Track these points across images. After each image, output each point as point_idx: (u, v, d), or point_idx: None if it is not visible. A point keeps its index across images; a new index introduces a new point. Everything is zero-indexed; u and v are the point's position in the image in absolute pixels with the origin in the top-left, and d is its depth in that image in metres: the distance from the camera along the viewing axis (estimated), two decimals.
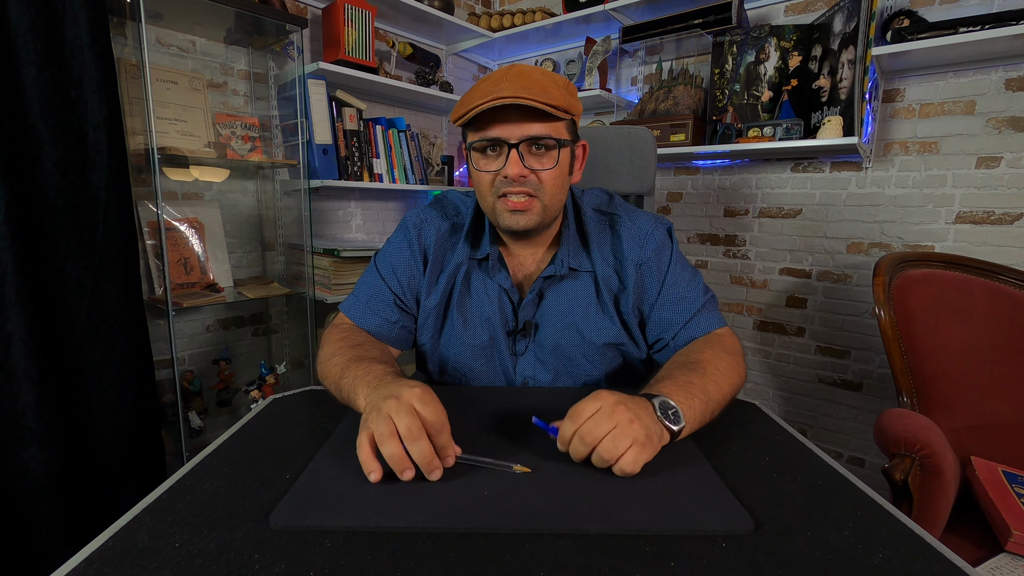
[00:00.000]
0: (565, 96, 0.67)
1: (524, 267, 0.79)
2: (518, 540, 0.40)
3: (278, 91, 1.75)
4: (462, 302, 0.78)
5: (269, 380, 1.71)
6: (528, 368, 0.78)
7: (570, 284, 0.77)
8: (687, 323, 0.75)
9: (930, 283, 1.22)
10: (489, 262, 0.76)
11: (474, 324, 0.78)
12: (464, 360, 0.79)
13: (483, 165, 0.70)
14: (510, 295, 0.77)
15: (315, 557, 0.38)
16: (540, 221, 0.71)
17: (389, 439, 0.46)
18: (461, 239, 0.79)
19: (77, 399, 1.20)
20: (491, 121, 0.66)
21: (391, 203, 2.20)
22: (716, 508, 0.45)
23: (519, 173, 0.67)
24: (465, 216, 0.81)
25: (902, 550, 0.40)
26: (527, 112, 0.65)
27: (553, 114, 0.66)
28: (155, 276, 1.51)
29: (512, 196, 0.69)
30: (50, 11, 1.09)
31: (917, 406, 1.16)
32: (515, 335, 0.78)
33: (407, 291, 0.79)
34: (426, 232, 0.79)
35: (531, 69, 0.67)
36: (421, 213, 0.82)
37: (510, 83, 0.64)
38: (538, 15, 2.07)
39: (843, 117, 1.46)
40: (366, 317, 0.77)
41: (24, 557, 1.12)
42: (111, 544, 0.40)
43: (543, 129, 0.66)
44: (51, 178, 1.13)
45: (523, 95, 0.63)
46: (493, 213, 0.72)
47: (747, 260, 1.91)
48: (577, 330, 0.76)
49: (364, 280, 0.80)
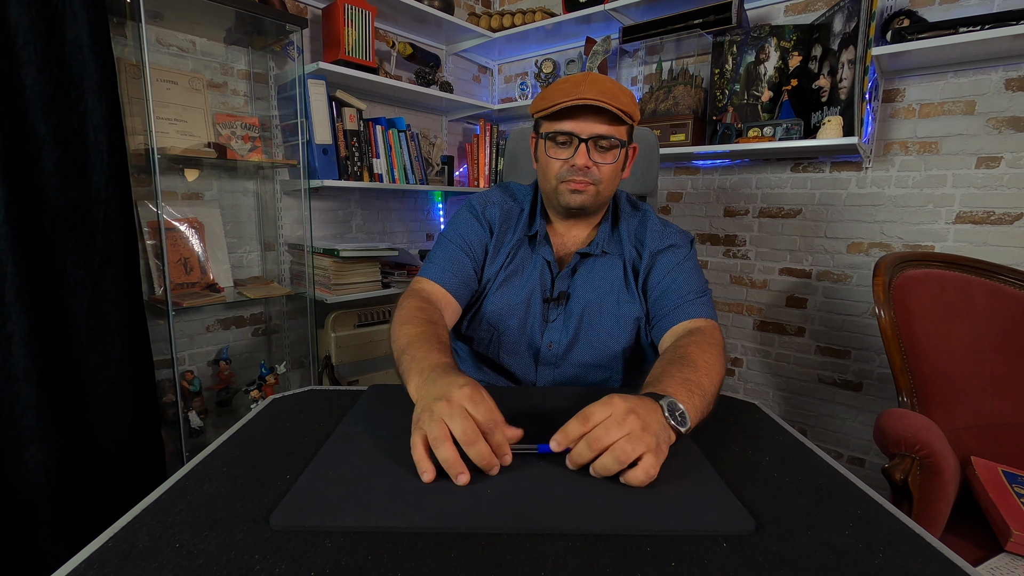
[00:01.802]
0: (631, 104, 0.78)
1: (566, 245, 0.90)
2: (519, 540, 0.40)
3: (278, 91, 1.75)
4: (512, 268, 0.88)
5: (269, 380, 1.71)
6: (554, 334, 0.86)
7: (602, 262, 0.87)
8: (680, 305, 0.80)
9: (930, 283, 1.22)
10: (537, 238, 0.87)
11: (516, 286, 0.87)
12: (501, 318, 0.87)
13: (554, 153, 0.81)
14: (551, 267, 0.87)
15: (315, 557, 0.38)
16: (594, 202, 0.83)
17: (443, 443, 0.47)
18: (522, 221, 0.90)
19: (77, 399, 1.20)
20: (567, 117, 0.78)
21: (391, 203, 2.20)
22: (717, 508, 0.45)
23: (585, 164, 0.78)
24: (523, 201, 0.92)
25: (903, 550, 0.40)
26: (598, 113, 0.76)
27: (620, 118, 0.77)
28: (155, 276, 1.51)
29: (575, 182, 0.80)
30: (50, 11, 1.09)
31: (917, 406, 1.16)
32: (550, 303, 0.87)
33: (477, 256, 0.88)
34: (490, 211, 0.89)
35: (604, 78, 0.79)
36: (485, 195, 0.92)
37: (589, 86, 0.75)
38: (538, 15, 2.07)
39: (843, 117, 1.46)
40: (444, 276, 0.84)
41: (24, 557, 1.12)
42: (112, 544, 0.40)
43: (609, 130, 0.78)
44: (51, 178, 1.13)
45: (601, 99, 0.74)
46: (555, 193, 0.83)
47: (747, 260, 1.91)
48: (605, 304, 0.85)
49: (436, 251, 0.88)
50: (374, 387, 0.72)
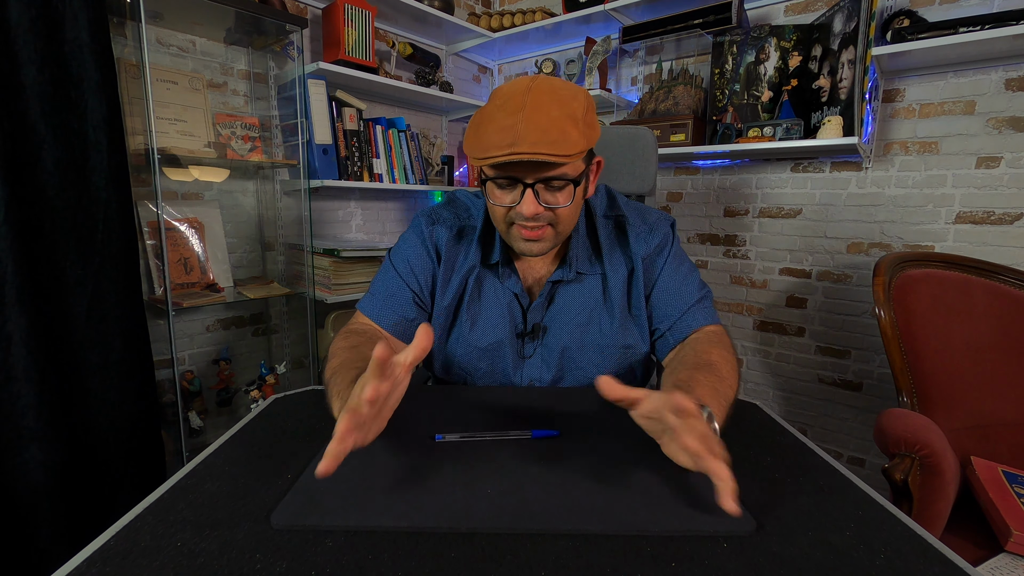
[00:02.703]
0: (583, 134, 0.63)
1: (534, 271, 0.80)
2: (519, 540, 0.40)
3: (278, 91, 1.75)
4: (472, 304, 0.79)
5: (269, 380, 1.71)
6: (534, 371, 0.79)
7: (578, 288, 0.79)
8: (682, 315, 0.76)
9: (930, 283, 1.22)
10: (500, 268, 0.78)
11: (482, 326, 0.79)
12: (470, 361, 0.80)
13: (498, 198, 0.69)
14: (520, 299, 0.79)
15: (316, 557, 0.38)
16: (553, 245, 0.73)
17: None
18: (473, 243, 0.79)
19: (77, 399, 1.20)
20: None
21: (391, 203, 2.20)
22: (718, 508, 0.45)
23: (534, 211, 0.66)
24: (476, 219, 0.81)
25: (904, 551, 0.40)
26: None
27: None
28: (155, 276, 1.51)
29: (526, 228, 0.69)
30: (50, 11, 1.09)
31: (917, 406, 1.16)
32: (524, 337, 0.79)
33: (424, 288, 0.80)
34: (438, 231, 0.80)
35: (548, 102, 0.62)
36: (433, 212, 0.83)
37: (526, 128, 0.60)
38: (538, 15, 2.07)
39: (843, 117, 1.46)
40: (384, 315, 0.77)
41: (24, 557, 1.12)
42: (113, 543, 0.40)
43: (559, 170, 0.64)
44: (51, 178, 1.13)
45: (540, 149, 0.60)
46: (507, 237, 0.73)
47: (747, 260, 1.91)
48: (585, 332, 0.78)
49: (380, 278, 0.81)
50: None
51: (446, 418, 0.63)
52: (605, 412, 0.63)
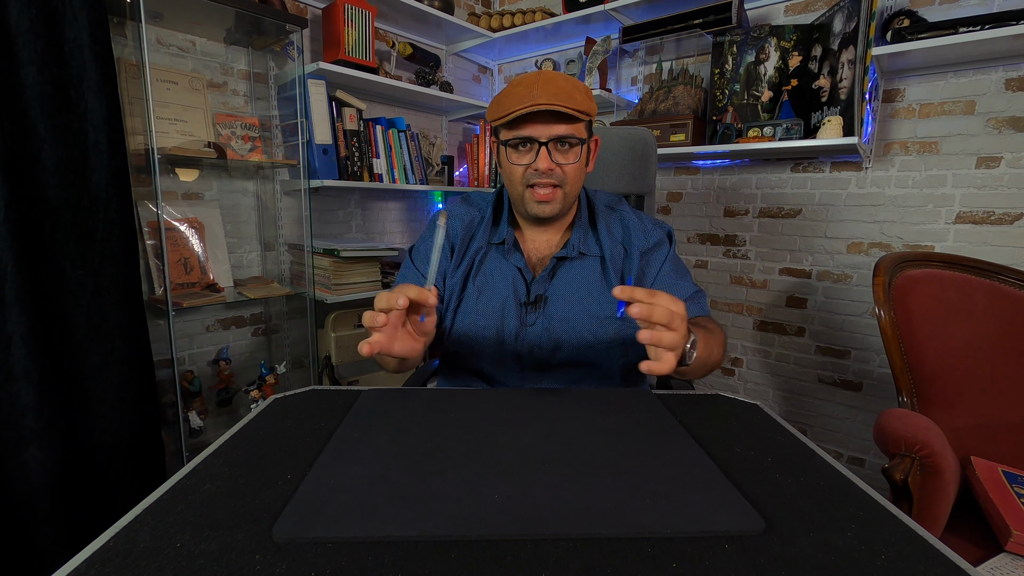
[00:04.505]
0: (586, 100, 0.78)
1: (538, 251, 0.89)
2: (519, 542, 0.40)
3: (278, 91, 1.75)
4: (478, 277, 0.88)
5: (269, 380, 1.71)
6: (535, 338, 0.85)
7: (580, 265, 0.86)
8: None
9: (930, 283, 1.22)
10: (505, 245, 0.87)
11: (488, 296, 0.86)
12: (477, 330, 0.86)
13: (515, 159, 0.80)
14: (524, 274, 0.86)
15: (316, 559, 0.38)
16: (562, 208, 0.83)
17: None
18: (483, 226, 0.89)
19: (77, 399, 1.20)
20: (524, 122, 0.77)
21: (391, 203, 2.20)
22: (726, 508, 0.44)
23: (548, 167, 0.78)
24: (484, 208, 0.92)
25: (905, 551, 0.40)
26: (555, 115, 0.76)
27: (577, 117, 0.76)
28: (155, 276, 1.51)
29: (540, 188, 0.80)
30: (50, 11, 1.09)
31: (917, 406, 1.16)
32: (527, 307, 0.86)
33: (440, 281, 0.88)
34: (453, 225, 0.90)
35: (557, 75, 0.78)
36: (449, 209, 0.92)
37: (541, 89, 0.75)
38: (538, 15, 2.07)
39: (843, 117, 1.46)
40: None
41: (24, 557, 1.12)
42: (112, 544, 0.40)
43: (568, 130, 0.77)
44: (51, 178, 1.13)
45: (555, 102, 0.74)
46: (522, 201, 0.83)
47: (747, 260, 1.91)
48: (585, 304, 0.85)
49: (403, 275, 0.91)
50: (366, 393, 0.72)
51: (451, 422, 0.62)
52: (609, 414, 0.63)
